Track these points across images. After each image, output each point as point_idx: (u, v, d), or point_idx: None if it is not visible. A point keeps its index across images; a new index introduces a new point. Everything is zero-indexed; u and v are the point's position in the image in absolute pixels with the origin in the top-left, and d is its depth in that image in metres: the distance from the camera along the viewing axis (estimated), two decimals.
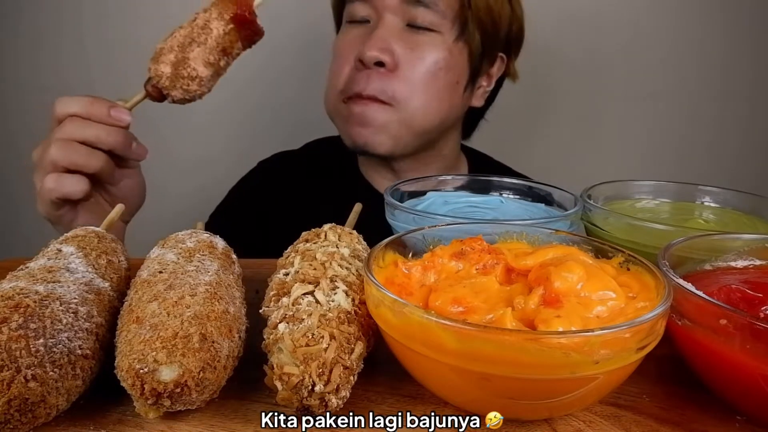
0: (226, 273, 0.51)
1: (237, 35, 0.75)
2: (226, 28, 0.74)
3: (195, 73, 0.74)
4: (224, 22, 0.74)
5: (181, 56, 0.73)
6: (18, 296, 0.41)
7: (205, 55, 0.74)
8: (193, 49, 0.74)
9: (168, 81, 0.74)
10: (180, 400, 0.39)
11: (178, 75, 0.74)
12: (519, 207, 0.76)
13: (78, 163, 0.72)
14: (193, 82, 0.74)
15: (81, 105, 0.74)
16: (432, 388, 0.45)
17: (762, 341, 0.40)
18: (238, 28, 0.75)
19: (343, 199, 0.72)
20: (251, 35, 0.77)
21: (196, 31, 0.74)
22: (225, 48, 0.75)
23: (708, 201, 0.77)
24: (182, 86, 0.74)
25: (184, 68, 0.73)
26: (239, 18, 0.75)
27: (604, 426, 0.44)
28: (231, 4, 0.75)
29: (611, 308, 0.43)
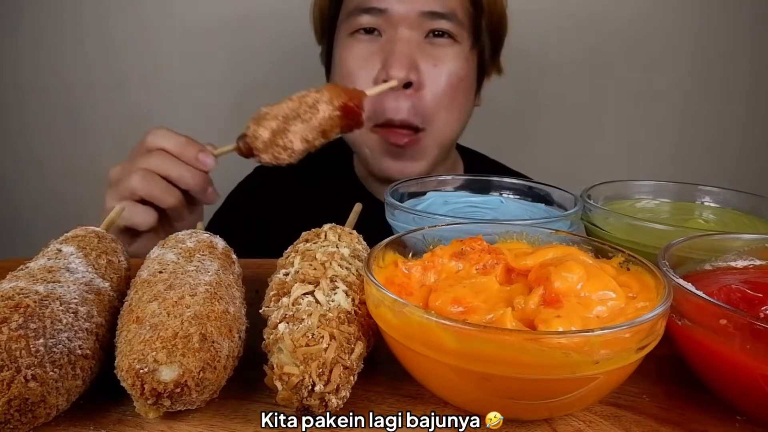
0: (226, 273, 0.51)
1: (340, 122, 0.79)
2: (332, 114, 0.78)
3: (290, 145, 0.77)
4: (332, 107, 0.78)
5: (282, 126, 0.77)
6: (18, 296, 0.41)
7: (305, 132, 0.77)
8: (296, 123, 0.77)
9: (262, 145, 0.76)
10: (180, 400, 0.39)
11: (274, 142, 0.76)
12: (519, 207, 0.76)
13: (155, 196, 0.74)
14: (284, 152, 0.77)
15: (175, 143, 0.76)
16: (432, 388, 0.45)
17: (762, 341, 0.40)
18: (343, 116, 0.79)
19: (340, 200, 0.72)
20: (352, 125, 0.81)
21: (304, 107, 0.77)
22: (325, 130, 0.79)
23: (708, 201, 0.77)
24: (274, 153, 0.77)
25: (281, 138, 0.76)
26: (347, 108, 0.78)
27: (604, 426, 0.44)
28: (343, 93, 0.79)
29: (611, 308, 0.43)
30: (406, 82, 0.89)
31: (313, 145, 0.79)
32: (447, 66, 0.93)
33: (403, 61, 0.89)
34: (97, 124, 1.51)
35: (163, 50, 1.47)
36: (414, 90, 0.91)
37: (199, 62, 1.48)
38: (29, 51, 1.46)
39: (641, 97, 1.52)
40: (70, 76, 1.47)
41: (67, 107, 1.49)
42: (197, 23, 1.46)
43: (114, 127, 1.50)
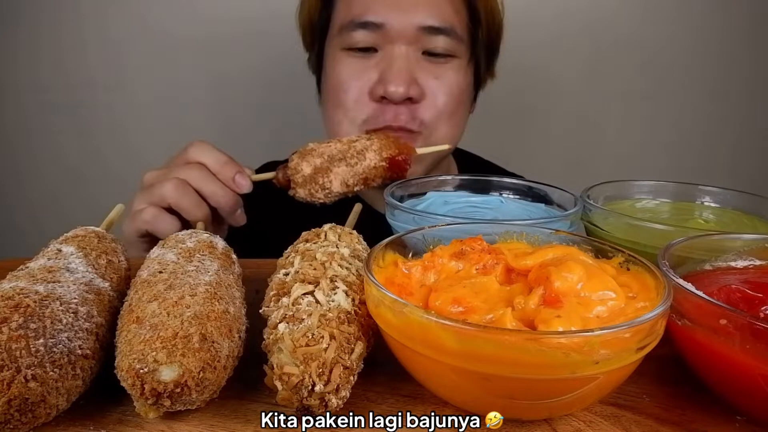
0: (226, 273, 0.51)
1: (383, 173, 0.79)
2: (378, 164, 0.78)
3: (329, 185, 0.77)
4: (380, 158, 0.78)
5: (326, 166, 0.77)
6: (18, 296, 0.41)
7: (347, 177, 0.77)
8: (340, 165, 0.77)
9: (302, 179, 0.77)
10: (180, 400, 0.39)
11: (314, 180, 0.77)
12: (519, 207, 0.76)
13: (183, 207, 0.74)
14: (322, 191, 0.77)
15: (215, 160, 0.76)
16: (432, 388, 0.45)
17: (762, 341, 0.40)
18: (389, 168, 0.79)
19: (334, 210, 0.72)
20: (395, 178, 0.80)
21: (352, 152, 0.78)
22: (367, 178, 0.79)
23: (708, 201, 0.77)
24: (311, 190, 0.77)
25: (322, 177, 0.77)
26: (395, 162, 0.79)
27: (604, 426, 0.44)
28: (393, 146, 0.80)
29: (611, 308, 0.43)
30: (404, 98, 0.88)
31: (352, 191, 0.79)
32: (447, 80, 0.93)
33: (402, 76, 0.88)
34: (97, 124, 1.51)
35: (162, 50, 1.47)
36: (413, 102, 0.90)
37: (199, 62, 1.48)
38: (28, 51, 1.46)
39: (641, 98, 1.52)
40: (70, 76, 1.47)
41: (67, 107, 1.49)
42: (197, 23, 1.46)
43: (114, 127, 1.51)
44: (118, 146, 1.52)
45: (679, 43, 1.47)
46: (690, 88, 1.50)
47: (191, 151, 0.77)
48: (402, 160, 0.79)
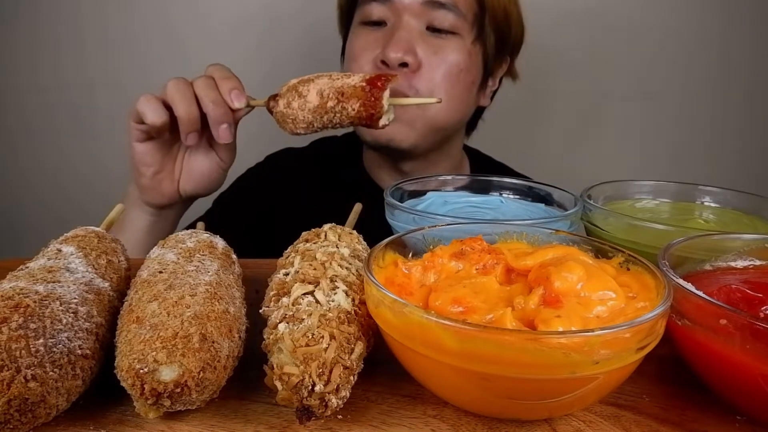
0: (226, 273, 0.51)
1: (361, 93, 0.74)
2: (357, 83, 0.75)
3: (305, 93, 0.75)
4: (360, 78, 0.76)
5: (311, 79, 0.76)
6: (18, 296, 0.41)
7: (324, 87, 0.75)
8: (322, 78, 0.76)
9: (285, 89, 0.76)
10: (180, 400, 0.39)
11: (295, 88, 0.76)
12: (519, 207, 0.76)
13: (174, 100, 0.78)
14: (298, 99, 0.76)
15: (220, 74, 0.81)
16: (432, 388, 0.45)
17: (762, 341, 0.40)
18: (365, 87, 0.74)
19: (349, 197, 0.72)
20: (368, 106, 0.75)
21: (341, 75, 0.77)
22: (343, 93, 0.75)
23: (708, 201, 0.77)
24: (289, 99, 0.76)
25: (303, 85, 0.76)
26: (371, 80, 0.75)
27: (604, 426, 0.44)
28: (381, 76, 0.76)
29: (611, 308, 0.43)
30: (401, 62, 0.92)
31: (325, 106, 0.75)
32: (447, 55, 0.95)
33: (401, 44, 0.92)
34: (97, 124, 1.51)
35: (162, 50, 1.47)
36: (410, 71, 0.93)
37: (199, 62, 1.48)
38: (28, 51, 1.46)
39: (641, 97, 1.52)
40: (70, 76, 1.47)
41: (67, 107, 1.49)
42: (197, 23, 1.46)
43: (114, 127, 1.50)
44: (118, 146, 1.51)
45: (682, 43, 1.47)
46: (692, 88, 1.50)
47: (207, 69, 0.82)
48: (379, 80, 0.74)
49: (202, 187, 0.89)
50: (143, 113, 0.78)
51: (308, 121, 0.76)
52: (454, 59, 0.96)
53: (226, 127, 0.80)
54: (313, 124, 0.77)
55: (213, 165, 0.87)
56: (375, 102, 0.74)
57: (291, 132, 0.78)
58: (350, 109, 0.75)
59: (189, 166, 0.87)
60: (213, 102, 0.78)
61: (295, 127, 0.77)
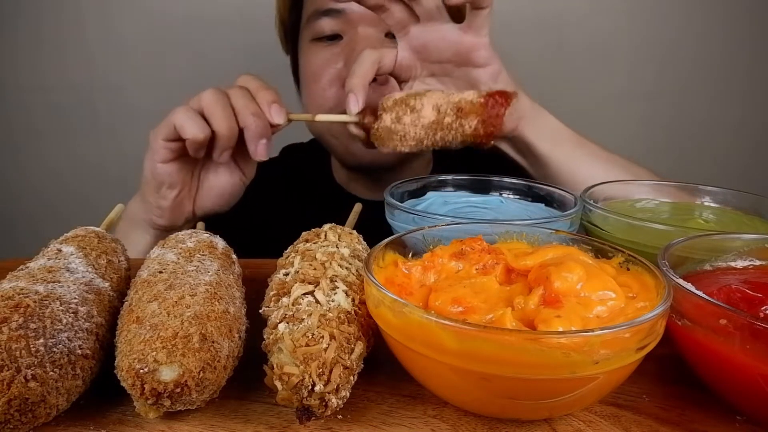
0: (226, 273, 0.51)
1: (480, 109, 0.71)
2: (475, 99, 0.71)
3: (419, 107, 0.71)
4: (478, 94, 0.72)
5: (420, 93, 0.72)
6: (18, 296, 0.41)
7: (440, 100, 0.71)
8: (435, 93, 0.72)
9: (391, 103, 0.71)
10: (180, 400, 0.39)
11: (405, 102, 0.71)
12: (519, 207, 0.76)
13: (215, 114, 0.72)
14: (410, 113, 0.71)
15: (256, 84, 0.76)
16: (432, 388, 0.45)
17: (762, 341, 0.40)
18: (485, 104, 0.71)
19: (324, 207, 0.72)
20: (490, 121, 0.72)
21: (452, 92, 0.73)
22: (461, 108, 0.71)
23: (708, 201, 0.77)
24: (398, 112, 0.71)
25: (414, 99, 0.71)
26: (492, 97, 0.72)
27: (604, 426, 0.44)
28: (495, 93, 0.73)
29: (611, 308, 0.43)
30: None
31: (441, 122, 0.71)
32: None
33: None
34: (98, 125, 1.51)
35: (163, 50, 1.47)
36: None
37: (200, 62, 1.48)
38: (29, 51, 1.46)
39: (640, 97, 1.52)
40: (70, 76, 1.47)
41: (68, 107, 1.49)
42: (198, 23, 1.46)
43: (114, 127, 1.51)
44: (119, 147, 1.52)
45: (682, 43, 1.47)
46: (692, 88, 1.50)
47: (239, 79, 0.77)
48: (501, 100, 0.71)
49: (221, 204, 0.84)
50: (182, 127, 0.72)
51: (419, 138, 0.71)
52: None
53: (265, 143, 0.75)
54: (423, 142, 0.72)
55: (236, 181, 0.82)
56: (497, 119, 0.71)
57: (393, 149, 0.73)
58: (467, 127, 0.71)
59: (210, 183, 0.82)
60: (254, 115, 0.73)
61: (402, 144, 0.72)
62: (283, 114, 0.74)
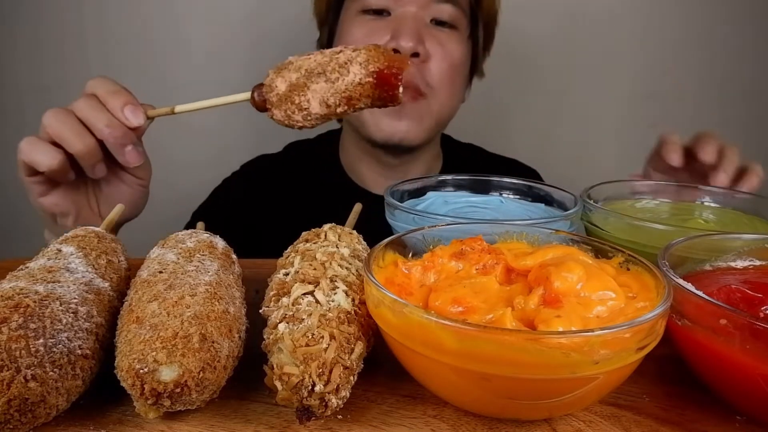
0: (226, 273, 0.51)
1: (371, 92, 0.65)
2: (363, 79, 0.65)
3: (306, 105, 0.66)
4: (366, 72, 0.65)
5: (303, 82, 0.65)
6: (18, 296, 0.41)
7: (326, 94, 0.65)
8: (318, 81, 0.65)
9: (276, 99, 0.66)
10: (180, 400, 0.39)
11: (289, 98, 0.66)
12: (519, 207, 0.76)
13: (62, 137, 0.67)
14: (299, 112, 0.66)
15: (104, 89, 0.69)
16: (432, 388, 0.45)
17: (762, 341, 0.40)
18: (376, 85, 0.65)
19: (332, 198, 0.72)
20: (385, 99, 0.66)
21: (333, 65, 0.65)
22: (351, 97, 0.65)
23: (708, 201, 0.77)
24: (287, 110, 0.66)
25: (298, 95, 0.66)
26: (383, 76, 0.65)
27: (604, 426, 0.44)
28: (383, 58, 0.65)
29: (611, 308, 0.43)
30: (413, 52, 0.92)
31: (334, 113, 0.66)
32: (450, 48, 0.97)
33: (412, 33, 0.92)
34: None
35: (163, 50, 1.47)
36: (421, 61, 0.94)
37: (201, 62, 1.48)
38: (29, 51, 1.46)
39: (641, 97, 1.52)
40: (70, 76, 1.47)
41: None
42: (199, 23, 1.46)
43: None
44: None
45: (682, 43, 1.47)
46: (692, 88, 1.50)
47: (88, 84, 0.70)
48: (392, 74, 0.64)
49: (129, 211, 0.77)
50: (33, 162, 0.67)
51: (317, 121, 0.68)
52: (457, 52, 0.98)
53: (132, 150, 0.70)
54: (325, 119, 0.69)
55: (134, 188, 0.77)
56: (391, 94, 0.66)
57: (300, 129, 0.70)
58: (363, 106, 0.67)
59: (107, 196, 0.77)
60: (107, 126, 0.67)
61: (304, 127, 0.69)
62: (139, 114, 0.68)
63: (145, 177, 0.78)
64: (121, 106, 0.68)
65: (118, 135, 0.68)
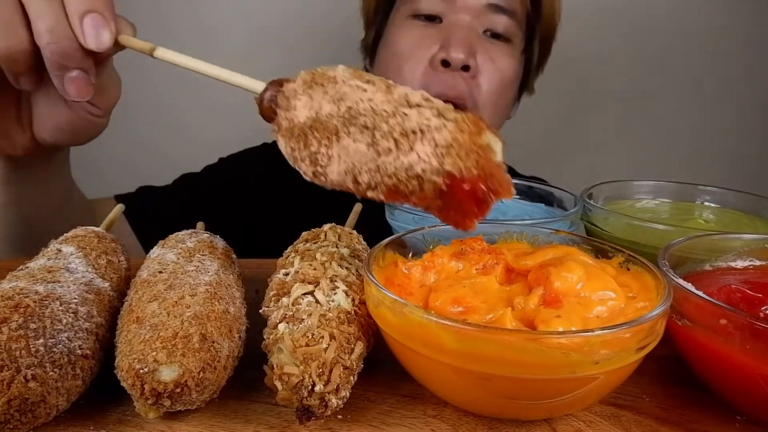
0: (226, 273, 0.51)
1: (432, 197, 0.41)
2: (430, 175, 0.40)
3: (324, 162, 0.42)
4: (438, 166, 0.39)
5: (334, 125, 0.42)
6: (18, 296, 0.41)
7: (361, 165, 0.41)
8: (358, 138, 0.41)
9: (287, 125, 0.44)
10: (180, 400, 0.39)
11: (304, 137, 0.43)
12: (519, 207, 0.76)
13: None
14: (310, 164, 0.43)
15: None
16: (432, 388, 0.45)
17: (762, 341, 0.40)
18: (446, 194, 0.40)
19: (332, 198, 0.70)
20: (449, 218, 0.42)
21: (393, 125, 0.40)
22: (397, 189, 0.41)
23: (708, 201, 0.77)
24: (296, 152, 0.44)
25: (318, 141, 0.42)
26: (462, 191, 0.40)
27: (604, 426, 0.44)
28: (477, 157, 0.39)
29: (611, 308, 0.43)
30: (464, 65, 0.88)
31: (359, 191, 0.43)
32: (501, 64, 0.92)
33: (464, 44, 0.88)
34: None
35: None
36: (471, 76, 0.89)
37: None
38: None
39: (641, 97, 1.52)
40: None
41: None
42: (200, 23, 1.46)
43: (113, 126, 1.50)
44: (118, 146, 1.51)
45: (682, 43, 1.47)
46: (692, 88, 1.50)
47: None
48: (479, 191, 0.39)
49: (65, 139, 0.61)
50: None
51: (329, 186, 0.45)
52: (508, 68, 0.93)
53: (77, 77, 0.50)
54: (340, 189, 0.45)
55: (79, 114, 0.58)
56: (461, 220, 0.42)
57: None
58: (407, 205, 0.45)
59: (41, 112, 0.58)
60: (49, 31, 0.47)
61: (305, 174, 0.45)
62: (104, 33, 0.48)
63: (103, 106, 0.58)
64: (81, 12, 0.48)
65: (62, 50, 0.48)
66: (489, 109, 0.93)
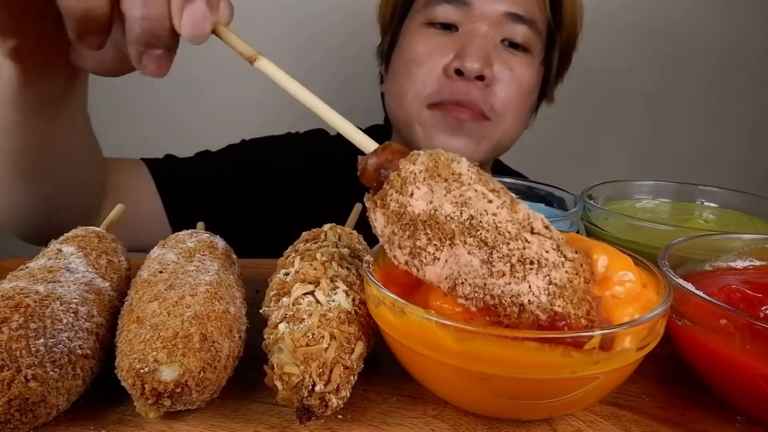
0: (227, 273, 0.51)
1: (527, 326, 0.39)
2: (535, 309, 0.39)
3: (427, 261, 0.41)
4: (547, 303, 0.39)
5: (451, 230, 0.40)
6: (18, 296, 0.41)
7: (468, 279, 0.40)
8: (474, 251, 0.39)
9: (395, 207, 0.41)
10: (180, 400, 0.39)
11: (413, 233, 0.41)
12: None
13: None
14: (410, 257, 0.41)
15: None
16: (432, 388, 0.45)
17: (762, 341, 0.40)
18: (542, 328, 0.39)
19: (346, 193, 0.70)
20: None
21: (513, 248, 0.39)
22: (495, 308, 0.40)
23: (708, 201, 0.77)
24: (395, 232, 0.42)
25: (430, 240, 0.40)
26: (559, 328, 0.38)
27: (604, 426, 0.44)
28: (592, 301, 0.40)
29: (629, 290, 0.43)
30: (478, 75, 0.86)
31: (452, 295, 0.42)
32: (519, 73, 0.90)
33: (479, 54, 0.86)
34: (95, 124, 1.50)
35: None
36: (485, 85, 0.88)
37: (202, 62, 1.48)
38: None
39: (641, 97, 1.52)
40: None
41: None
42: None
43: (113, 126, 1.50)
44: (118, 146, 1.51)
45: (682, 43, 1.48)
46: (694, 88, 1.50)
47: None
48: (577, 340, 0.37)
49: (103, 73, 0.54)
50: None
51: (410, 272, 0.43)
52: (526, 78, 0.91)
53: (162, 56, 0.45)
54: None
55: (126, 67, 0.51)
56: None
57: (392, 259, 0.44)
58: None
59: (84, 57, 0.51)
60: (144, 5, 0.42)
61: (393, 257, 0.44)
62: (203, 23, 0.43)
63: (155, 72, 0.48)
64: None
65: (153, 29, 0.43)
66: (509, 117, 0.92)
